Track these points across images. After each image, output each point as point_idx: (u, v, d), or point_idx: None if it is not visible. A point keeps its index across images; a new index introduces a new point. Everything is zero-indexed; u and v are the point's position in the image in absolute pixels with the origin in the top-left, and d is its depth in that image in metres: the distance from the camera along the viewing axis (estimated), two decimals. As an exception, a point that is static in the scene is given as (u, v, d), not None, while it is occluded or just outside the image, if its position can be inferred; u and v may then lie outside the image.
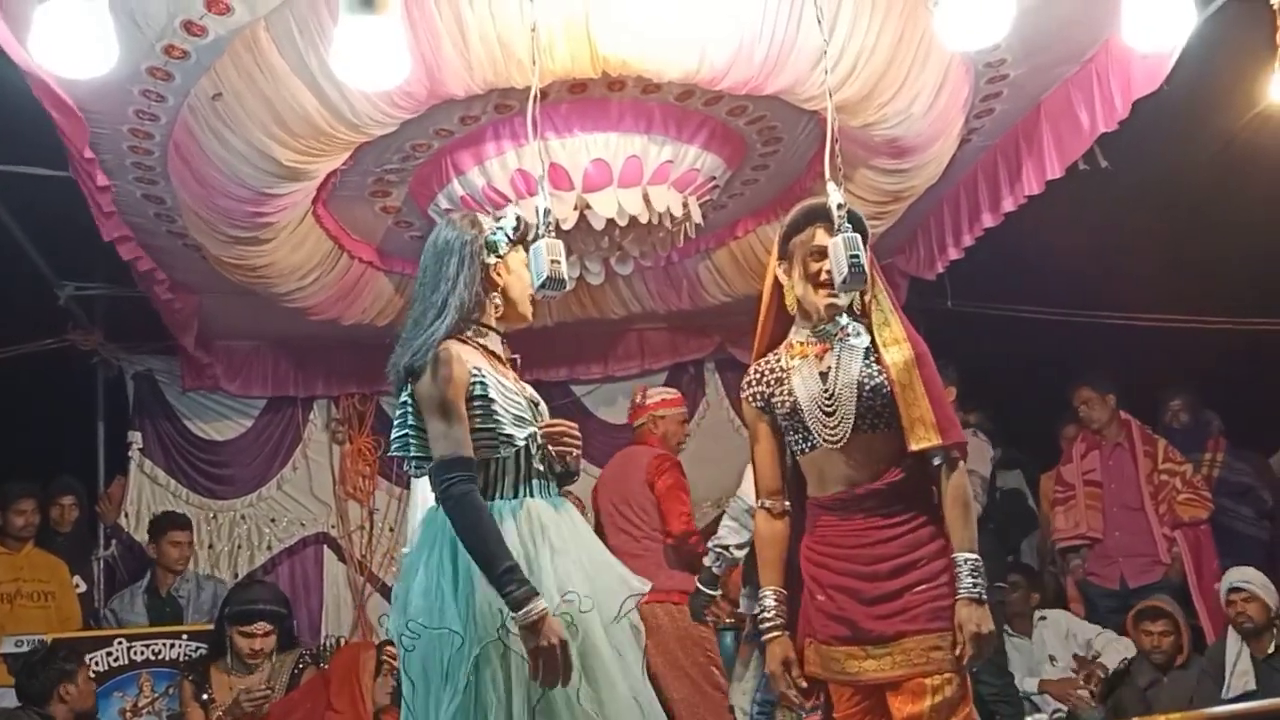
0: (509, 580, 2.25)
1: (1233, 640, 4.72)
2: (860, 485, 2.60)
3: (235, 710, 4.28)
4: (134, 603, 5.49)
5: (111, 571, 6.12)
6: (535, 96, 3.04)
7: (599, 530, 4.75)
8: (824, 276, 2.69)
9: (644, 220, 4.32)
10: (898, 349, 2.62)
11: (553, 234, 3.58)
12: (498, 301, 2.72)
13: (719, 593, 4.46)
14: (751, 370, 2.85)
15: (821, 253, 2.71)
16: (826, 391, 2.64)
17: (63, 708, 4.22)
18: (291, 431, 6.56)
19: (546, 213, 3.62)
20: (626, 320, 6.30)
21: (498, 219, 2.80)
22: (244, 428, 6.52)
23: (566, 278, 2.99)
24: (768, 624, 2.70)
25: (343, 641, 5.90)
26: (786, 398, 2.69)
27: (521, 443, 2.50)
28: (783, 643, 2.68)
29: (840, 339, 2.70)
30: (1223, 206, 5.23)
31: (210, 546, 6.26)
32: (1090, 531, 5.59)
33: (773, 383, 2.75)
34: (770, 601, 2.70)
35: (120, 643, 4.89)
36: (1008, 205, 4.81)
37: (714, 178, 4.52)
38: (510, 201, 4.27)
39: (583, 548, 2.51)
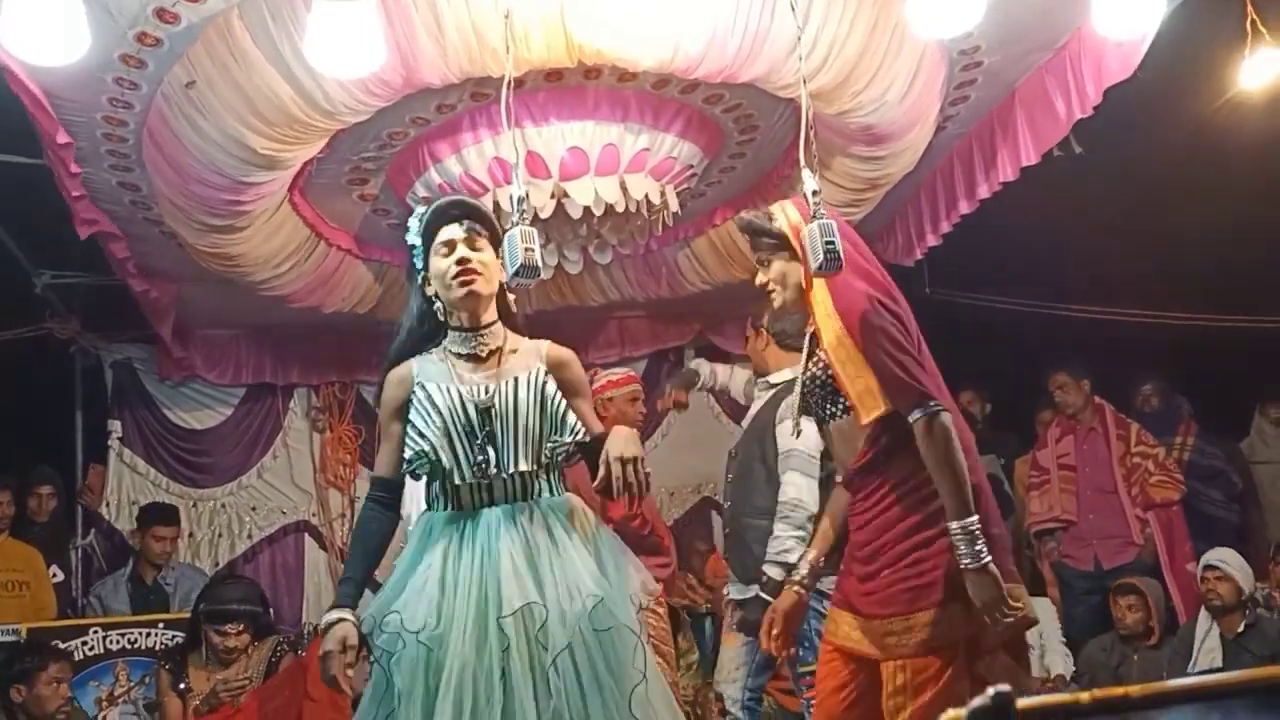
0: (339, 592, 2.45)
1: (1203, 619, 4.80)
2: (847, 467, 2.65)
3: (213, 700, 4.27)
4: (118, 590, 5.49)
5: (89, 560, 6.11)
6: (509, 85, 3.04)
7: None
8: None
9: (621, 208, 4.33)
10: (828, 325, 2.55)
11: (527, 222, 3.62)
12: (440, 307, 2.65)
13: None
14: None
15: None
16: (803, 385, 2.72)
17: (14, 707, 4.18)
18: (272, 420, 6.56)
19: (522, 201, 3.65)
20: (606, 308, 6.31)
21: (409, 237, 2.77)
22: (224, 416, 6.51)
23: (541, 265, 3.00)
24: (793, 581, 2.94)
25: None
26: None
27: (445, 457, 2.46)
28: (789, 595, 2.91)
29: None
30: (1196, 193, 5.28)
31: (191, 535, 6.26)
32: (1065, 515, 5.66)
33: None
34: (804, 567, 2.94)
35: (96, 631, 4.89)
36: (983, 192, 4.85)
37: (691, 166, 4.53)
38: (487, 190, 4.27)
39: (535, 559, 2.42)
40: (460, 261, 2.57)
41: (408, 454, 2.48)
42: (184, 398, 6.47)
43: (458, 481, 2.47)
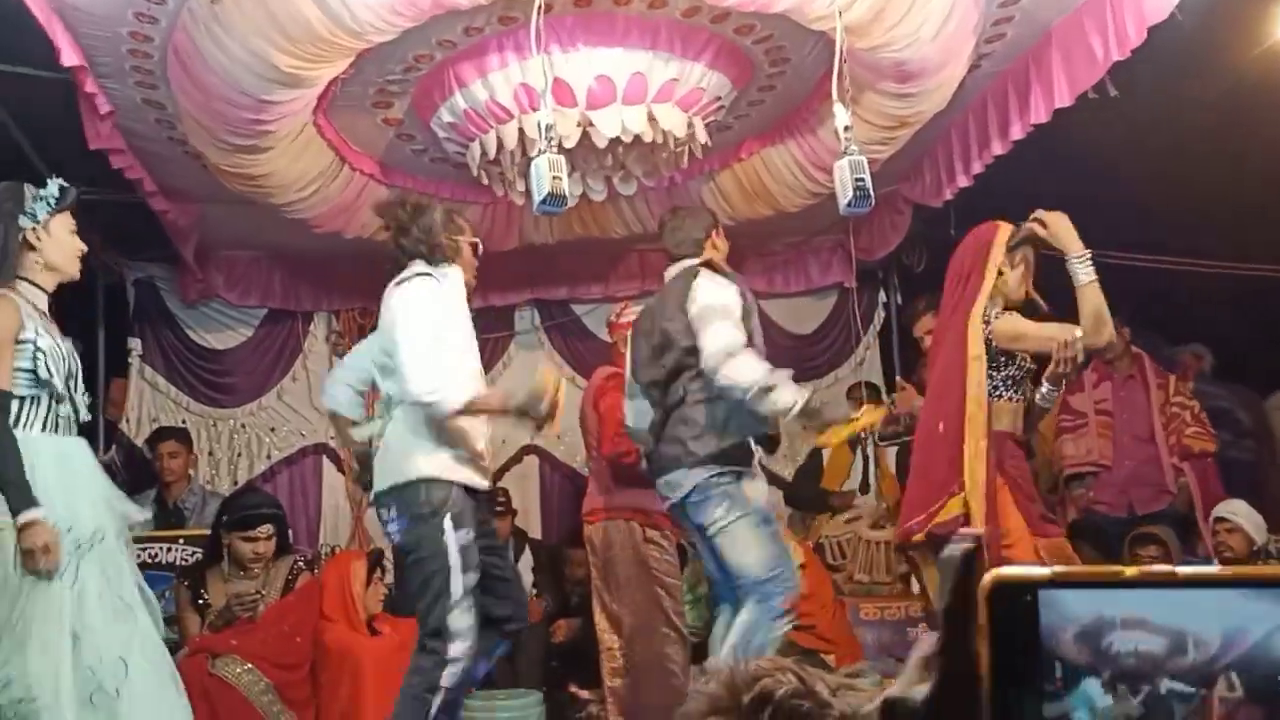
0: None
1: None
2: None
3: (227, 614, 4.35)
4: (143, 510, 5.55)
5: (112, 475, 6.16)
6: (540, 8, 3.00)
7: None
8: None
9: (648, 139, 4.28)
10: None
11: (555, 150, 3.60)
12: (39, 262, 3.21)
13: None
14: None
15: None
16: None
17: None
18: (292, 342, 6.59)
19: (549, 128, 3.62)
20: (628, 240, 6.28)
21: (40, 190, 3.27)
22: (244, 337, 6.55)
23: (567, 194, 2.99)
24: None
25: (338, 551, 5.99)
26: None
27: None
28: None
29: None
30: (1231, 141, 5.17)
31: (210, 454, 6.34)
32: (1101, 459, 5.69)
33: None
34: None
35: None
36: (1016, 133, 4.76)
37: (719, 98, 4.47)
38: (513, 116, 4.22)
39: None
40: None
41: None
42: (205, 318, 6.50)
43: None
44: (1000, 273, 3.69)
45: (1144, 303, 5.94)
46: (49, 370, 3.17)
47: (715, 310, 3.66)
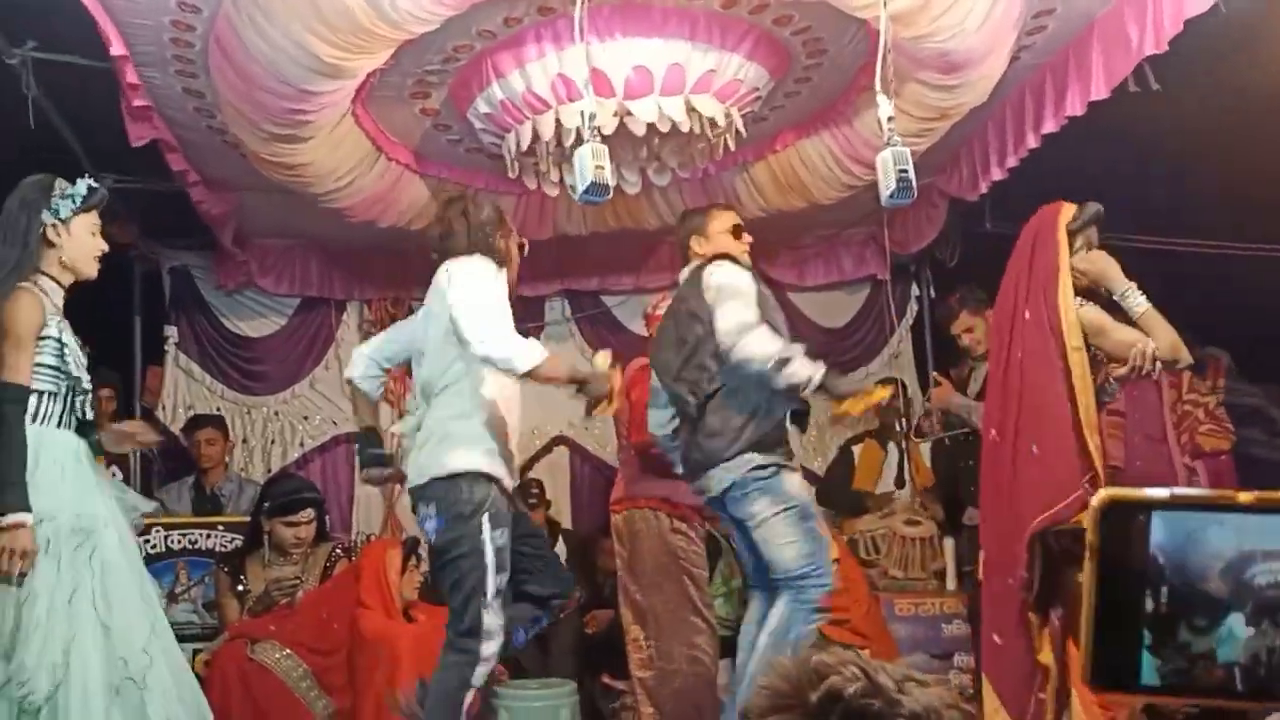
0: None
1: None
2: None
3: (265, 599, 4.39)
4: (181, 496, 5.63)
5: (148, 463, 6.24)
6: (582, -3, 3.00)
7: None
8: None
9: (685, 130, 4.28)
10: None
11: (597, 139, 3.60)
12: (59, 259, 3.24)
13: None
14: None
15: None
16: None
17: None
18: (324, 331, 6.63)
19: (591, 117, 3.62)
20: (660, 232, 6.27)
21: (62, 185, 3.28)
22: (278, 325, 6.60)
23: (610, 183, 2.98)
24: None
25: (373, 539, 6.03)
26: None
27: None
28: None
29: None
30: (1272, 133, 5.12)
31: (244, 441, 6.39)
32: (1112, 461, 5.59)
33: None
34: None
35: (159, 531, 5.01)
36: (1050, 126, 4.73)
37: (757, 88, 4.45)
38: (549, 106, 4.23)
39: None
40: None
41: None
42: (239, 306, 6.55)
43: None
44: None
45: (1173, 293, 5.89)
46: (73, 365, 3.19)
47: (727, 290, 3.68)
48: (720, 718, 4.19)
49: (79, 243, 3.29)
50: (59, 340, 3.19)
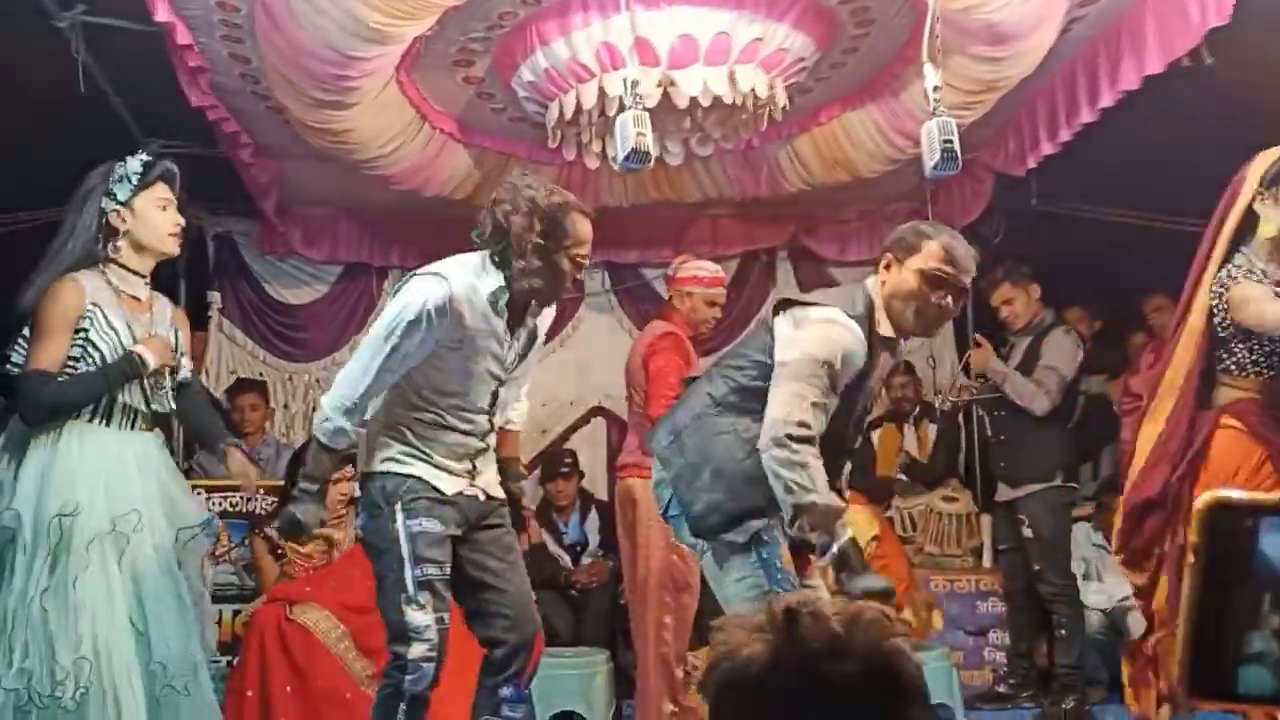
0: None
1: None
2: None
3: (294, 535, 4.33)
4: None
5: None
6: (630, -37, 2.98)
7: None
8: None
9: (729, 100, 4.24)
10: None
11: (640, 107, 3.57)
12: (129, 244, 3.16)
13: None
14: None
15: None
16: None
17: None
18: (366, 299, 6.66)
19: (635, 84, 3.60)
20: (701, 205, 6.25)
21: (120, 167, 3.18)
22: (320, 293, 6.63)
23: (651, 150, 2.97)
24: None
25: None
26: None
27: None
28: None
29: None
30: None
31: (285, 407, 6.45)
32: None
33: None
34: None
35: (200, 493, 5.06)
36: (1105, 100, 4.64)
37: (802, 59, 4.41)
38: (594, 75, 4.20)
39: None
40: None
41: None
42: (282, 273, 6.59)
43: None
44: (1254, 214, 3.08)
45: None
46: (107, 356, 3.07)
47: (803, 365, 2.91)
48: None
49: (147, 221, 3.15)
50: (85, 333, 3.05)
